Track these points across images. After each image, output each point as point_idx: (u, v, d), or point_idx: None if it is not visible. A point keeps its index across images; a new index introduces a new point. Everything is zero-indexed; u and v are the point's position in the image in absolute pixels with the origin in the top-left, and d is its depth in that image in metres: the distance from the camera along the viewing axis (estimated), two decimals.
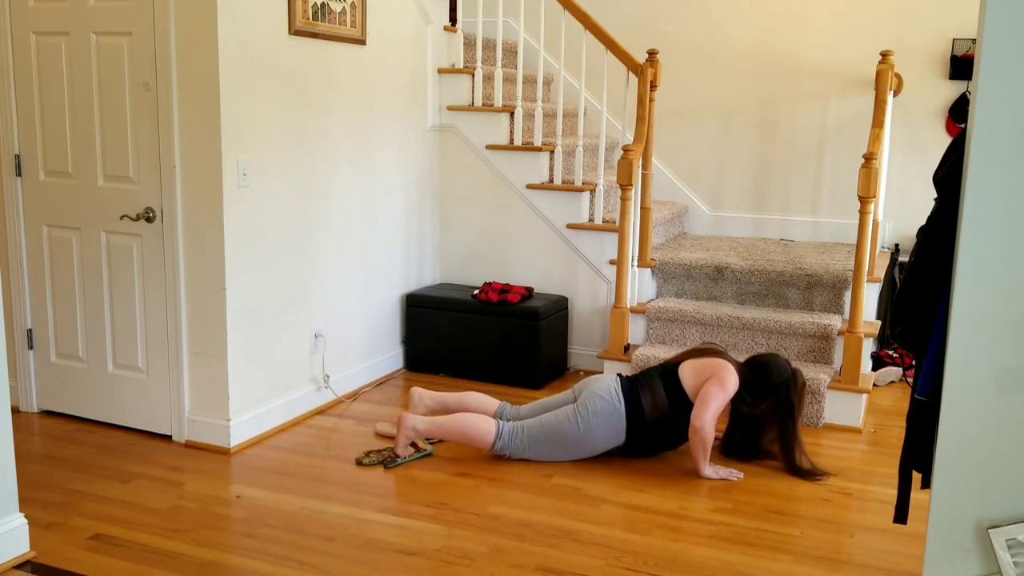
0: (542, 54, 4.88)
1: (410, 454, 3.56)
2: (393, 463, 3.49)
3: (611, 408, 3.44)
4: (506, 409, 3.67)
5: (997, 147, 1.80)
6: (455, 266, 5.02)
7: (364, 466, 3.48)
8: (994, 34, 1.77)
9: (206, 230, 3.52)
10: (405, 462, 3.52)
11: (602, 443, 3.49)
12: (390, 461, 3.50)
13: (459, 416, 3.51)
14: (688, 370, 3.49)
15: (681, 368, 3.51)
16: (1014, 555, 1.87)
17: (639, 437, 3.48)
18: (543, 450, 3.51)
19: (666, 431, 3.49)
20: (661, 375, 3.53)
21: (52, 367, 3.94)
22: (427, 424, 3.50)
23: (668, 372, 3.53)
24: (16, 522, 2.78)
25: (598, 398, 3.46)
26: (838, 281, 4.34)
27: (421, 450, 3.59)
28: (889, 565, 2.83)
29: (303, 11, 3.76)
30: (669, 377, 3.51)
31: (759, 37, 5.31)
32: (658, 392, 3.47)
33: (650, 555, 2.86)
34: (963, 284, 1.86)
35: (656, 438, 3.51)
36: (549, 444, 3.50)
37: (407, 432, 3.51)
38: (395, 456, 3.53)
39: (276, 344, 3.84)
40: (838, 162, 5.24)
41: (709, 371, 3.44)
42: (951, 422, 1.91)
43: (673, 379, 3.49)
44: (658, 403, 3.46)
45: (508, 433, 3.49)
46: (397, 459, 3.52)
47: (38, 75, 3.71)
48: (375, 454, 3.55)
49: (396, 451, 3.53)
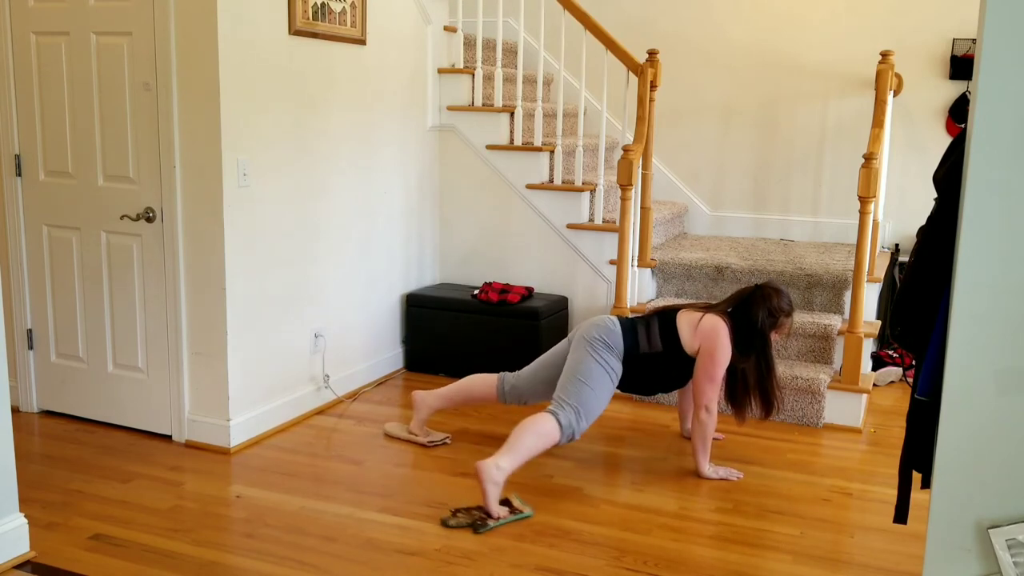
0: (542, 54, 4.88)
1: (505, 515, 3.07)
2: (484, 527, 3.01)
3: (607, 331, 3.40)
4: (506, 379, 3.67)
5: (997, 147, 1.80)
6: (455, 266, 5.02)
7: (451, 528, 3.01)
8: (994, 34, 1.77)
9: (206, 230, 3.52)
10: (499, 524, 3.03)
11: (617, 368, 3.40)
12: (481, 524, 3.02)
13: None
14: (685, 321, 3.46)
15: (680, 315, 3.49)
16: (1014, 555, 1.87)
17: (633, 368, 3.44)
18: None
19: (659, 369, 3.46)
20: (659, 316, 3.52)
21: (52, 367, 3.94)
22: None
23: (665, 315, 3.51)
24: (16, 522, 2.78)
25: (594, 327, 3.43)
26: (838, 281, 4.34)
27: (517, 511, 3.11)
28: (889, 565, 2.83)
29: (303, 11, 3.76)
30: (665, 320, 3.49)
31: (759, 37, 5.31)
32: (653, 329, 3.46)
33: (650, 555, 2.86)
34: (963, 284, 1.86)
35: (649, 374, 3.47)
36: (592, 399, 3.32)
37: (491, 488, 3.08)
38: (487, 516, 3.06)
39: (276, 344, 3.84)
40: (838, 162, 5.24)
41: (701, 336, 3.40)
42: (951, 422, 1.91)
43: (670, 323, 3.47)
44: (652, 339, 3.44)
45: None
46: (489, 522, 3.03)
47: (38, 75, 3.71)
48: (463, 515, 3.07)
49: (489, 511, 3.07)
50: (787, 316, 3.52)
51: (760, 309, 3.44)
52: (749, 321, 3.44)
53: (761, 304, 3.45)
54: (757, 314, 3.44)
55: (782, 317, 3.50)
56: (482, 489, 3.07)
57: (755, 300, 3.46)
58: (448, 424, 3.96)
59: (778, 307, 3.48)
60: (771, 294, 3.48)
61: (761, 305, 3.45)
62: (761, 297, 3.46)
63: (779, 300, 3.48)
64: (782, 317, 3.50)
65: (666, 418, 4.11)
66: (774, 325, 3.48)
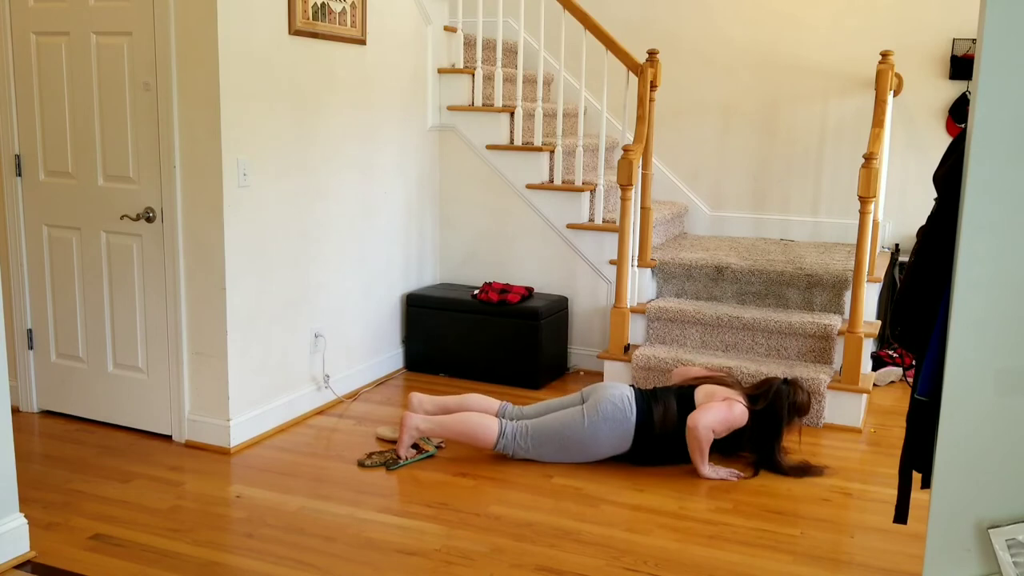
0: (542, 54, 4.88)
1: (412, 455, 3.54)
2: (396, 464, 3.48)
3: (622, 416, 3.44)
4: (508, 409, 3.67)
5: (997, 147, 1.80)
6: (455, 266, 5.02)
7: (366, 467, 3.47)
8: (994, 34, 1.77)
9: (206, 230, 3.52)
10: (408, 463, 3.50)
11: (607, 448, 3.49)
12: (392, 463, 3.49)
13: (462, 415, 3.50)
14: (703, 393, 3.53)
15: (697, 390, 3.55)
16: (1014, 555, 1.87)
17: (644, 446, 3.48)
18: (547, 450, 3.51)
19: (671, 444, 3.49)
20: (676, 394, 3.55)
21: (52, 367, 3.94)
22: (430, 424, 3.50)
23: (684, 392, 3.56)
24: (16, 522, 2.78)
25: (610, 404, 3.46)
26: (838, 281, 4.34)
27: (424, 451, 3.58)
28: (889, 565, 2.83)
29: (303, 11, 3.76)
30: (684, 396, 3.54)
31: (759, 37, 5.31)
32: (670, 407, 3.49)
33: (650, 555, 2.86)
34: (963, 284, 1.86)
35: (660, 449, 3.50)
36: (553, 444, 3.49)
37: (410, 432, 3.50)
38: (397, 458, 3.51)
39: (276, 344, 3.84)
40: (838, 162, 5.23)
41: (721, 395, 3.49)
42: (951, 422, 1.92)
43: (688, 398, 3.52)
44: (668, 417, 3.47)
45: (511, 432, 3.49)
46: (399, 460, 3.50)
47: (38, 75, 3.71)
48: (377, 455, 3.53)
49: (399, 452, 3.51)
50: (804, 415, 3.60)
51: (786, 403, 3.50)
52: (773, 412, 3.49)
53: (786, 399, 3.50)
54: (783, 407, 3.49)
55: (800, 415, 3.56)
56: (400, 435, 3.51)
57: (783, 393, 3.51)
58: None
59: (802, 405, 3.55)
60: (798, 391, 3.54)
61: (785, 400, 3.50)
62: (788, 393, 3.51)
63: (803, 397, 3.55)
64: (800, 415, 3.56)
65: None
66: (792, 422, 3.54)
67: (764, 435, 3.50)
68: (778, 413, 3.49)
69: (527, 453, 3.51)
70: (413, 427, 3.50)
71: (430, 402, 3.70)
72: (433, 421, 3.50)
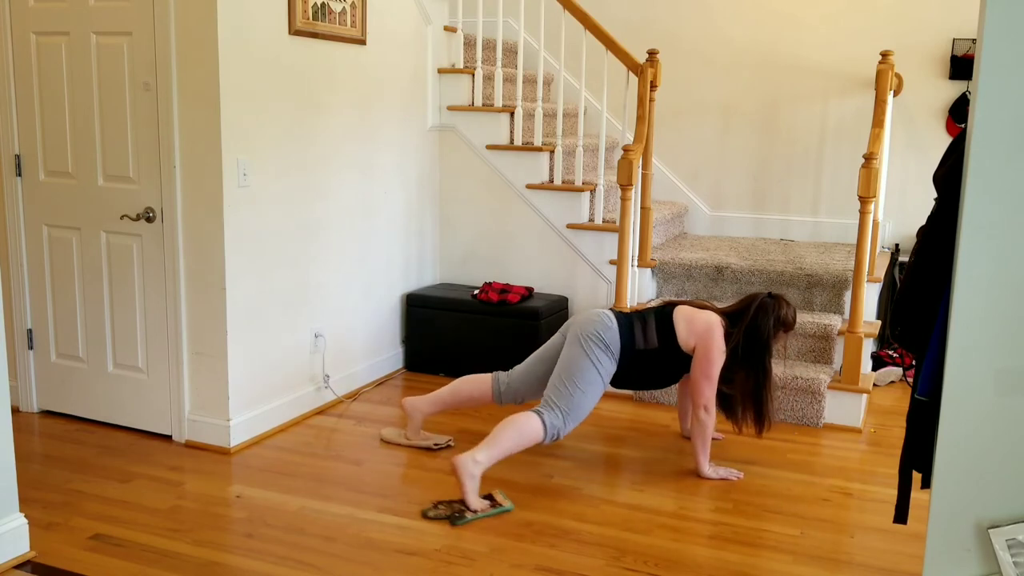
0: (542, 54, 4.88)
1: (485, 508, 3.11)
2: (462, 519, 3.04)
3: (603, 327, 3.38)
4: (500, 378, 3.62)
5: (997, 147, 1.80)
6: (455, 266, 5.02)
7: (430, 519, 3.06)
8: (994, 34, 1.77)
9: (206, 230, 3.52)
10: (478, 518, 3.07)
11: (609, 367, 3.38)
12: (459, 516, 3.06)
13: (507, 431, 3.20)
14: (681, 319, 3.45)
15: (676, 311, 3.48)
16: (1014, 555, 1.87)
17: (627, 364, 3.42)
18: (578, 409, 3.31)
19: (653, 365, 3.45)
20: (656, 313, 3.50)
21: (52, 367, 3.94)
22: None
23: (662, 311, 3.50)
24: (16, 522, 2.78)
25: (590, 323, 3.39)
26: (838, 281, 4.34)
27: (498, 505, 3.15)
28: (889, 565, 2.83)
29: (303, 11, 3.76)
30: (662, 316, 3.48)
31: (759, 37, 5.31)
32: (650, 325, 3.44)
33: (650, 555, 2.86)
34: (963, 284, 1.86)
35: (644, 370, 3.46)
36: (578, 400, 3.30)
37: (468, 480, 3.12)
38: (464, 510, 3.10)
39: (276, 344, 3.84)
40: (838, 162, 5.24)
41: (697, 333, 3.40)
42: (951, 422, 1.92)
43: (667, 320, 3.46)
44: (648, 336, 3.42)
45: (550, 423, 3.26)
46: (467, 515, 3.07)
47: (38, 75, 3.71)
48: (444, 507, 3.12)
49: (467, 503, 3.11)
50: (789, 330, 3.54)
51: (769, 317, 3.44)
52: (756, 327, 3.43)
53: (771, 312, 3.45)
54: (766, 321, 3.43)
55: (785, 330, 3.51)
56: (459, 483, 3.12)
57: (766, 307, 3.46)
58: (448, 424, 3.96)
59: (786, 318, 3.49)
60: (783, 304, 3.49)
61: (771, 313, 3.44)
62: (773, 306, 3.47)
63: (788, 312, 3.50)
64: (785, 330, 3.51)
65: (666, 418, 4.11)
66: (777, 335, 3.49)
67: (752, 352, 3.43)
68: (762, 327, 3.42)
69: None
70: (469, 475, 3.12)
71: (424, 403, 3.66)
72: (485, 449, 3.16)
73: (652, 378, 3.51)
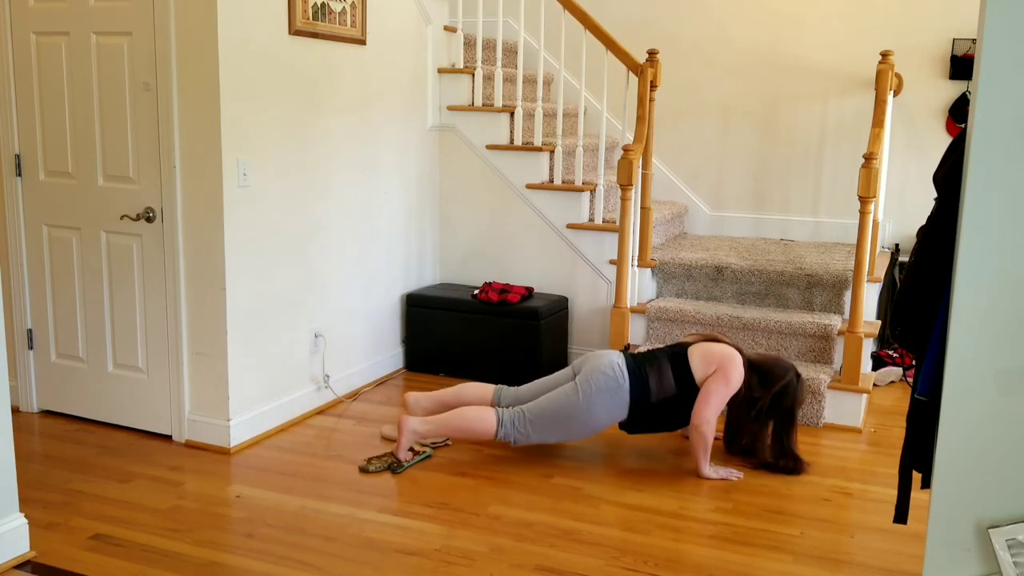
0: (542, 54, 4.88)
1: (409, 458, 3.52)
2: (400, 468, 3.45)
3: (615, 384, 3.39)
4: (504, 392, 3.65)
5: (997, 147, 1.80)
6: (455, 266, 5.02)
7: (370, 473, 3.43)
8: (994, 34, 1.77)
9: (206, 230, 3.52)
10: (408, 466, 3.48)
11: (606, 420, 3.43)
12: (396, 467, 3.46)
13: (458, 412, 3.45)
14: (697, 355, 3.47)
15: (691, 351, 3.49)
16: (1014, 555, 1.87)
17: (642, 414, 3.45)
18: (547, 433, 3.45)
19: (669, 412, 3.46)
20: (670, 357, 3.50)
21: (52, 367, 3.94)
22: (427, 425, 3.45)
23: (677, 355, 3.50)
24: (16, 522, 2.78)
25: (601, 375, 3.41)
26: (838, 281, 4.34)
27: (419, 453, 3.56)
28: (889, 565, 2.83)
29: (303, 11, 3.76)
30: (678, 359, 3.48)
31: (759, 37, 5.31)
32: (665, 373, 3.44)
33: (650, 555, 2.86)
34: (963, 284, 1.86)
35: (658, 417, 3.48)
36: (552, 426, 3.43)
37: (408, 435, 3.47)
38: (399, 462, 3.48)
39: (276, 344, 3.84)
40: (838, 162, 5.24)
41: (716, 361, 3.43)
42: (951, 422, 1.92)
43: (682, 362, 3.47)
44: (664, 384, 3.43)
45: (509, 420, 3.42)
46: (402, 464, 3.48)
47: (38, 75, 3.71)
48: (377, 460, 3.49)
49: (398, 456, 3.48)
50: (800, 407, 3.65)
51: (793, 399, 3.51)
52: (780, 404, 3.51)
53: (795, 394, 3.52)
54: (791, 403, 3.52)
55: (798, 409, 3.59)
56: (398, 439, 3.48)
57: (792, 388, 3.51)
58: None
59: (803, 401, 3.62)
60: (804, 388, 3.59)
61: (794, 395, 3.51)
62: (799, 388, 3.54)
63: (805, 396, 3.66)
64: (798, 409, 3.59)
65: None
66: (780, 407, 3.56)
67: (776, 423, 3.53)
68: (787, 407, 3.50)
69: (528, 439, 3.45)
70: (411, 430, 3.46)
71: (426, 399, 3.70)
72: (431, 422, 3.46)
73: (667, 421, 3.52)
